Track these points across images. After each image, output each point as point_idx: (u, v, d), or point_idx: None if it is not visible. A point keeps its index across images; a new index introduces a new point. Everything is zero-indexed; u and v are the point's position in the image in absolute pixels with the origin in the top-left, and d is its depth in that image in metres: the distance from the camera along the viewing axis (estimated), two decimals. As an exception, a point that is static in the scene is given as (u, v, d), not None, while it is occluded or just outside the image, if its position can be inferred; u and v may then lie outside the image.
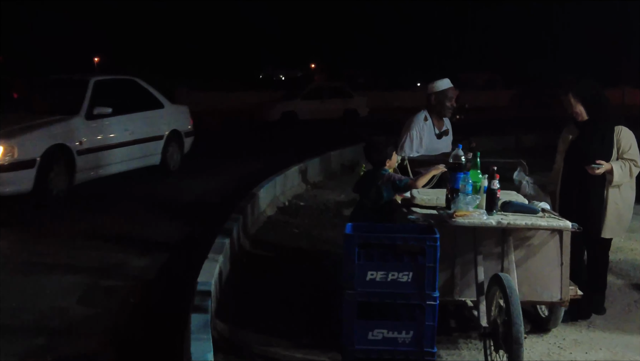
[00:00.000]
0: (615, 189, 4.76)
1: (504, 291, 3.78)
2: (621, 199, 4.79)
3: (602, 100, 4.73)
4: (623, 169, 4.69)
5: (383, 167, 4.68)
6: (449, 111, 5.49)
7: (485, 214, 3.99)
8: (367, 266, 3.74)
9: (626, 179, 4.74)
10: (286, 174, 10.03)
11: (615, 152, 4.73)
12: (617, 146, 4.73)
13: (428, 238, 3.73)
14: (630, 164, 4.71)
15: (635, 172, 4.75)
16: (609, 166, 4.65)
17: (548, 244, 4.27)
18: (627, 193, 4.83)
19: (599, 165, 4.62)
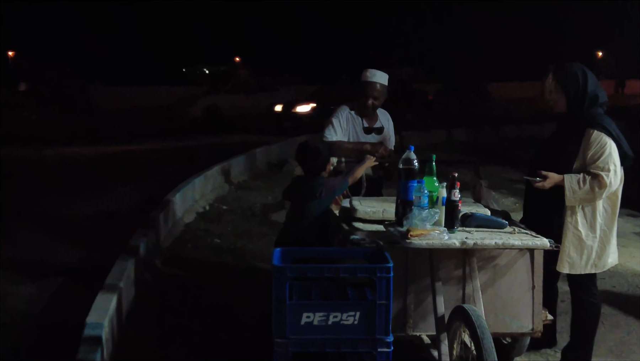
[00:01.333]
0: (579, 211, 3.69)
1: (473, 329, 3.03)
2: (585, 225, 3.70)
3: (585, 93, 3.71)
4: (581, 185, 3.59)
5: (320, 175, 3.86)
6: (365, 110, 4.59)
7: (446, 233, 3.22)
8: (301, 307, 2.90)
9: (586, 200, 3.65)
10: (206, 175, 9.09)
11: (579, 162, 3.68)
12: (584, 154, 3.66)
13: (379, 267, 2.93)
14: (594, 181, 3.58)
15: (600, 192, 3.59)
16: (557, 179, 3.63)
17: (517, 265, 3.56)
18: (601, 217, 3.72)
19: (541, 177, 3.66)
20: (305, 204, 3.86)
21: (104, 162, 11.47)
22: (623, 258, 6.39)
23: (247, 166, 11.06)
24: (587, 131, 3.68)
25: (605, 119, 3.73)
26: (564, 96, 3.76)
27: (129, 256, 4.91)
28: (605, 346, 4.39)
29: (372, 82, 4.56)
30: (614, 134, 3.67)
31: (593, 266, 3.78)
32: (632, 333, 4.62)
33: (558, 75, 3.79)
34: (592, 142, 3.65)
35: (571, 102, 3.74)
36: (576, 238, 3.71)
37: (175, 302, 4.94)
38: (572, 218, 3.70)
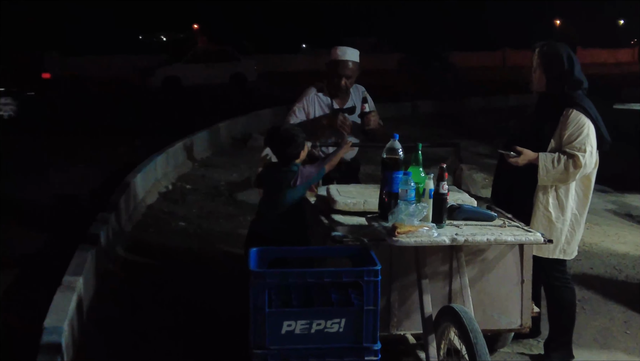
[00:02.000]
0: (551, 192, 3.58)
1: (465, 333, 2.84)
2: (556, 207, 3.58)
3: (568, 73, 3.57)
4: (555, 164, 3.46)
5: (294, 163, 3.59)
6: (338, 91, 4.24)
7: (435, 229, 3.00)
8: (282, 315, 2.65)
9: (560, 181, 3.51)
10: (168, 152, 8.71)
11: (555, 141, 3.55)
12: (561, 134, 3.51)
13: (367, 270, 2.69)
14: (569, 161, 3.45)
15: (574, 173, 3.46)
16: (531, 156, 3.49)
17: (506, 259, 3.37)
18: (573, 200, 3.61)
19: (513, 153, 3.50)
20: (280, 193, 3.60)
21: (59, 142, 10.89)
22: (597, 236, 6.34)
23: (211, 141, 10.69)
24: (566, 110, 3.55)
25: (585, 101, 3.61)
26: (545, 75, 3.61)
27: (89, 247, 4.58)
28: (588, 334, 4.28)
29: (344, 61, 4.20)
30: (593, 116, 3.56)
31: (562, 252, 3.68)
32: (614, 319, 4.51)
33: (543, 54, 3.62)
34: (570, 121, 3.52)
35: (552, 82, 3.60)
36: (546, 218, 3.60)
37: (141, 296, 4.64)
38: (544, 198, 3.59)
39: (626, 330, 4.37)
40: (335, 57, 4.21)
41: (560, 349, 3.84)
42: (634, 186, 7.94)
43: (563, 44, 3.66)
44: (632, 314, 4.60)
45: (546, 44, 3.64)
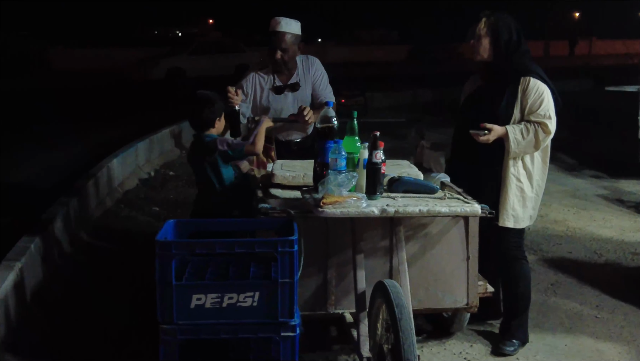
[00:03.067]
0: (519, 162, 3.49)
1: (390, 306, 2.67)
2: (526, 176, 3.51)
3: (517, 44, 3.45)
4: (524, 135, 3.39)
5: (206, 133, 3.43)
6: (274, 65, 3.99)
7: (365, 200, 2.83)
8: (190, 288, 2.50)
9: (530, 150, 3.43)
10: (152, 139, 8.60)
11: (518, 112, 3.45)
12: (522, 103, 3.43)
13: (281, 241, 2.53)
14: (538, 128, 3.39)
15: (544, 140, 3.42)
16: (500, 132, 3.38)
17: (450, 234, 3.19)
18: (537, 168, 3.53)
19: (486, 130, 3.37)
20: (200, 169, 3.45)
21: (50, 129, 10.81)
22: (583, 221, 6.12)
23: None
24: (523, 79, 3.44)
25: (538, 67, 3.50)
26: (492, 45, 3.46)
27: (41, 230, 4.45)
28: (556, 318, 4.09)
29: (281, 32, 3.95)
30: (548, 81, 3.46)
31: (529, 218, 3.60)
32: (586, 303, 4.31)
33: (491, 23, 3.46)
34: (529, 90, 3.42)
35: (500, 51, 3.45)
36: (519, 189, 3.50)
37: (95, 278, 4.52)
38: (515, 170, 3.49)
39: (597, 314, 4.16)
40: (272, 28, 3.97)
41: (516, 331, 3.66)
42: (629, 172, 7.68)
43: (507, 14, 3.53)
44: (605, 298, 4.39)
45: (492, 14, 3.49)
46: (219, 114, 3.45)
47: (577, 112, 10.23)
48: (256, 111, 4.02)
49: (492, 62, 3.48)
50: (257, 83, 4.05)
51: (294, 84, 4.05)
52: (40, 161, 8.35)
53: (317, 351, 3.58)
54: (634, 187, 7.25)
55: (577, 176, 8.05)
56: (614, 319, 4.08)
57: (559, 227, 5.91)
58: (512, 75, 3.45)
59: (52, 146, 9.27)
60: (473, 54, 3.50)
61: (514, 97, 3.44)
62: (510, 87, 3.44)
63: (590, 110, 12.36)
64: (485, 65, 3.51)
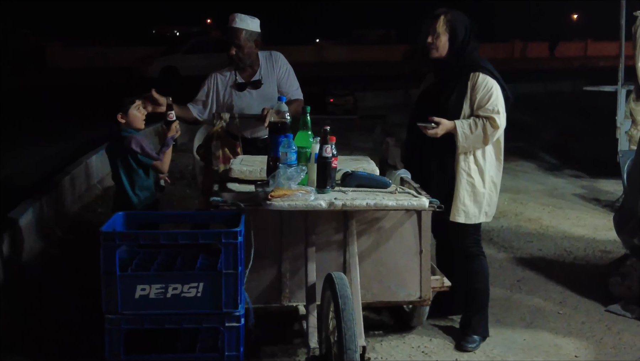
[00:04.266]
0: (470, 157, 3.50)
1: (335, 297, 2.71)
2: (477, 172, 3.51)
3: (468, 41, 3.51)
4: (473, 130, 3.41)
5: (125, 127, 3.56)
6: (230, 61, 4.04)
7: (314, 193, 2.88)
8: (134, 279, 2.54)
9: (479, 145, 3.45)
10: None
11: (467, 107, 3.48)
12: (471, 98, 3.47)
13: (225, 232, 2.57)
14: (486, 123, 3.41)
15: (493, 134, 3.43)
16: (449, 126, 3.41)
17: (403, 228, 3.24)
18: (489, 164, 3.55)
19: (434, 124, 3.39)
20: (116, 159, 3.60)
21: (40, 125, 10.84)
22: (556, 219, 6.16)
23: (187, 126, 10.50)
24: (473, 75, 3.49)
25: (487, 63, 3.55)
26: (448, 41, 3.50)
27: (9, 225, 4.49)
28: (518, 313, 4.13)
29: (236, 29, 3.98)
30: (498, 76, 3.51)
31: (484, 215, 3.61)
32: (549, 300, 4.35)
33: (450, 19, 3.50)
34: (478, 85, 3.47)
35: (455, 48, 3.50)
36: (470, 185, 3.53)
37: (68, 269, 4.55)
38: (465, 165, 3.52)
39: (559, 310, 4.20)
40: (229, 24, 4.00)
41: (477, 327, 3.69)
42: (608, 172, 7.72)
43: (460, 12, 3.58)
44: (569, 294, 4.43)
45: (449, 12, 3.53)
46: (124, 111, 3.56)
47: (567, 112, 10.29)
48: (222, 109, 4.07)
49: (445, 59, 3.52)
50: (218, 82, 4.10)
51: (255, 81, 4.08)
52: (28, 158, 8.38)
53: (279, 345, 3.62)
54: (611, 186, 7.29)
55: (557, 176, 8.10)
56: (576, 315, 4.12)
57: (532, 225, 5.95)
58: (463, 71, 3.50)
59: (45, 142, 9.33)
60: (430, 51, 3.53)
61: (464, 92, 3.50)
62: (460, 82, 3.50)
63: (578, 110, 12.41)
64: (438, 61, 3.55)
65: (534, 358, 3.58)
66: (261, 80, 4.08)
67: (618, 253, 4.96)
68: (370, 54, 32.10)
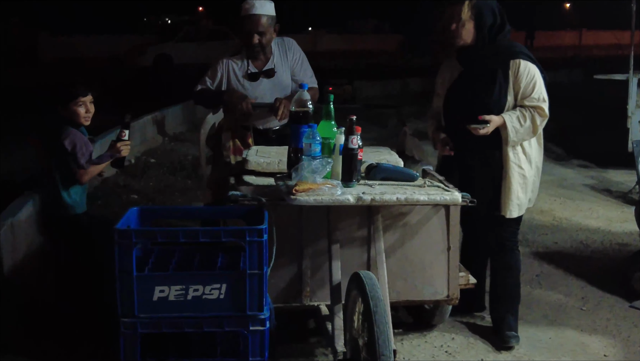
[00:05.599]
0: (518, 149, 3.34)
1: (365, 299, 2.54)
2: (526, 161, 3.36)
3: (500, 26, 3.29)
4: (522, 122, 3.24)
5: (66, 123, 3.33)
6: (252, 51, 3.78)
7: (340, 187, 2.70)
8: (152, 279, 2.36)
9: (528, 136, 3.29)
10: (134, 125, 8.35)
11: (511, 98, 3.29)
12: (515, 88, 3.28)
13: (249, 230, 2.39)
14: (534, 113, 3.25)
15: (542, 124, 3.30)
16: (499, 122, 3.23)
17: (430, 223, 3.07)
18: (534, 150, 3.41)
19: (484, 123, 3.20)
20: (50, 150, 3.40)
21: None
22: (569, 211, 6.01)
23: (185, 116, 10.39)
24: (513, 63, 3.28)
25: (523, 47, 3.37)
26: (475, 28, 3.29)
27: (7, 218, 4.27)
28: (540, 310, 3.98)
29: (256, 15, 3.74)
30: (536, 60, 3.32)
31: (529, 201, 3.49)
32: (571, 295, 4.20)
33: (476, 4, 3.28)
34: (521, 74, 3.27)
35: (483, 35, 3.29)
36: (521, 176, 3.36)
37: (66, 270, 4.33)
38: (515, 157, 3.35)
39: (582, 306, 4.06)
40: (245, 12, 3.76)
41: (515, 322, 3.56)
42: (617, 162, 7.58)
43: None
44: (591, 290, 4.29)
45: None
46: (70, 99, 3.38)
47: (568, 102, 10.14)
48: None
49: (473, 47, 3.32)
50: (230, 69, 3.88)
51: (268, 70, 3.87)
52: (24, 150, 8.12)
53: (293, 344, 3.45)
54: (621, 177, 7.16)
55: (565, 166, 7.96)
56: (600, 311, 3.98)
57: (545, 217, 5.80)
58: (499, 59, 3.29)
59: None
60: (454, 40, 3.32)
61: (506, 82, 3.29)
62: (500, 73, 3.28)
63: (580, 100, 12.26)
64: (466, 51, 3.35)
65: (560, 357, 3.44)
66: (274, 68, 3.88)
67: (636, 247, 4.83)
68: (364, 44, 31.86)
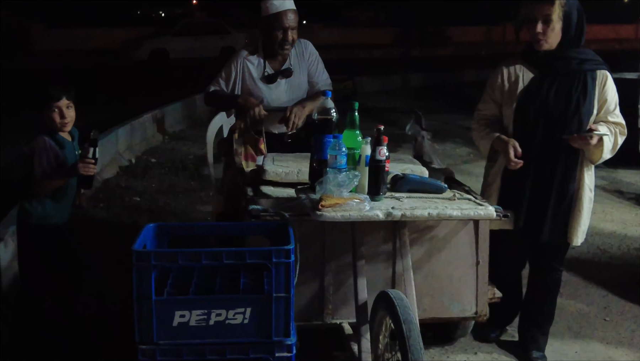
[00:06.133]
0: (591, 171, 3.11)
1: (397, 322, 2.39)
2: (593, 183, 3.16)
3: (582, 30, 3.02)
4: (610, 138, 2.97)
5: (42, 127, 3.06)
6: (280, 48, 3.62)
7: (368, 202, 2.54)
8: (172, 304, 2.21)
9: (608, 156, 3.01)
10: (133, 124, 8.23)
11: (597, 111, 3.02)
12: (599, 100, 3.01)
13: (275, 250, 2.24)
14: (616, 131, 2.99)
15: (621, 142, 3.04)
16: (604, 134, 2.93)
17: (458, 237, 2.92)
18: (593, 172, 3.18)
19: (597, 132, 2.89)
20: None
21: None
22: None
23: (185, 114, 10.21)
24: (601, 73, 3.02)
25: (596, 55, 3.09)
26: (562, 30, 2.99)
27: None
28: (563, 321, 3.83)
29: (289, 11, 3.58)
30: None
31: None
32: (593, 305, 4.08)
33: (565, 3, 2.95)
34: (608, 87, 3.03)
35: (567, 38, 3.01)
36: (589, 201, 3.16)
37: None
38: (589, 179, 3.14)
39: (605, 316, 3.93)
40: (273, 9, 3.58)
41: (543, 342, 3.42)
42: (628, 161, 7.43)
43: None
44: (612, 298, 4.17)
45: None
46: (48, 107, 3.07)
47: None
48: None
49: (557, 50, 3.03)
50: (246, 70, 3.71)
51: (286, 70, 3.70)
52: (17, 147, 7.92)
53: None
54: (632, 177, 7.03)
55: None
56: (624, 322, 3.86)
57: (560, 220, 5.67)
58: (586, 66, 3.01)
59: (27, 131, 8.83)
60: (538, 42, 3.01)
61: (593, 93, 3.00)
62: (587, 81, 3.00)
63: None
64: (544, 53, 3.05)
65: (589, 374, 3.32)
66: (291, 68, 3.71)
67: (654, 252, 4.71)
68: (360, 37, 31.65)
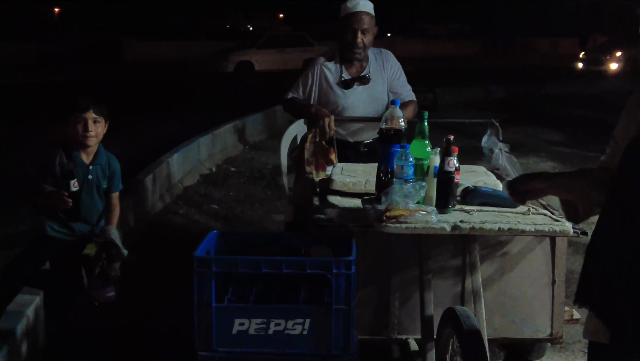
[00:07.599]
0: None
1: (464, 343, 2.29)
2: None
3: None
4: None
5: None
6: (350, 51, 3.56)
7: (436, 213, 2.46)
8: (233, 312, 2.20)
9: None
10: (214, 134, 8.41)
11: None
12: None
13: (336, 261, 2.19)
14: None
15: None
16: None
17: (533, 254, 2.78)
18: None
19: None
20: None
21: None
22: None
23: (266, 124, 10.35)
24: None
25: None
26: None
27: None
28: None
29: (361, 12, 3.53)
30: None
31: None
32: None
33: None
34: None
35: None
36: None
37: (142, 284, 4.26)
38: None
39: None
40: (347, 10, 3.55)
41: None
42: None
43: None
44: None
45: None
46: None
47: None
48: (323, 106, 3.64)
49: None
50: (322, 76, 3.69)
51: (365, 76, 3.65)
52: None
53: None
54: None
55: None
56: None
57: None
58: None
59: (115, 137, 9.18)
60: None
61: None
62: None
63: None
64: None
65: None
66: (369, 76, 3.67)
67: None
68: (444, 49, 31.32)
